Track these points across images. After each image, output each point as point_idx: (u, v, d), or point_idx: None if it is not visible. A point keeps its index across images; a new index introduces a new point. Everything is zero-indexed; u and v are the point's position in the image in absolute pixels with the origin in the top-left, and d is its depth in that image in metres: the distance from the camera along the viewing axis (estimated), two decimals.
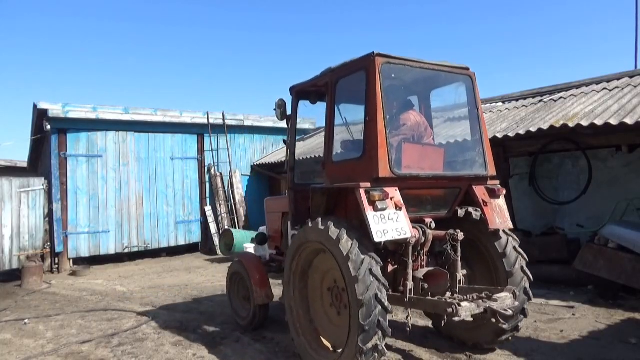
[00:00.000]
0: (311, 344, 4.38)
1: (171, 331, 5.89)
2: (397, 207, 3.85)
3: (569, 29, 59.68)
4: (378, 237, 3.67)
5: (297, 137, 18.84)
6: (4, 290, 9.39)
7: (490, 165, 4.54)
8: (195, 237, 13.64)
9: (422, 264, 4.32)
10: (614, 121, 6.46)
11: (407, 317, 4.00)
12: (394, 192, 3.91)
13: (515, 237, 4.60)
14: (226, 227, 13.04)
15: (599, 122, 6.61)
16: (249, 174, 14.89)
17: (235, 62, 72.31)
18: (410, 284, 4.01)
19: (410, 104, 4.89)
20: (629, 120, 6.34)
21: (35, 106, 11.48)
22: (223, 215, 13.49)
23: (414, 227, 4.01)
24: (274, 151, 15.48)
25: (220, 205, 13.54)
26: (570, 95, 8.94)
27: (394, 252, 4.24)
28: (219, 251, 12.55)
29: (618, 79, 8.65)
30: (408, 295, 4.00)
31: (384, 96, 3.96)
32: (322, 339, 4.38)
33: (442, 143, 5.56)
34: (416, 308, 4.24)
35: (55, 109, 11.27)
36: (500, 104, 10.54)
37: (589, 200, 7.79)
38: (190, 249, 13.54)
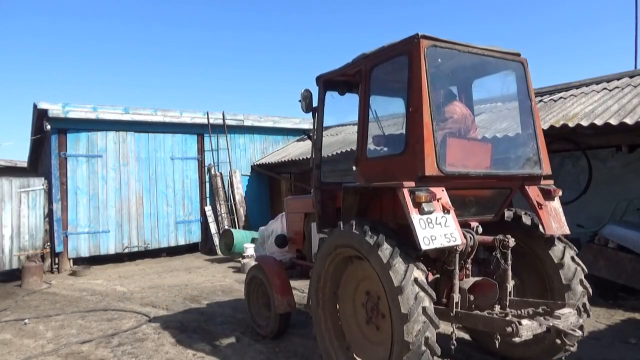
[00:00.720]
0: None
1: (171, 331, 5.89)
2: (445, 210, 3.43)
3: (569, 29, 59.68)
4: (425, 244, 3.23)
5: (297, 137, 18.88)
6: (4, 290, 9.39)
7: (545, 162, 4.05)
8: (195, 237, 13.64)
9: (467, 273, 3.85)
10: (614, 121, 6.46)
11: (451, 334, 3.52)
12: (441, 193, 3.49)
13: (571, 244, 4.10)
14: (226, 227, 13.04)
15: (599, 122, 6.61)
16: (249, 174, 14.89)
17: (235, 62, 72.36)
18: (457, 296, 3.57)
19: (453, 94, 4.40)
20: (629, 120, 6.34)
21: (35, 106, 11.48)
22: (223, 215, 13.49)
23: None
24: (274, 151, 15.49)
25: (220, 205, 13.55)
26: (570, 95, 8.94)
27: (434, 259, 3.78)
28: (219, 251, 12.56)
29: (618, 79, 8.65)
30: (454, 309, 3.57)
31: (430, 84, 3.51)
32: (357, 358, 3.95)
33: (486, 137, 5.10)
34: (464, 324, 3.74)
35: (55, 109, 11.27)
36: (500, 103, 10.52)
37: (589, 200, 7.79)
38: (190, 249, 13.54)
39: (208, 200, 13.82)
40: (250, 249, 10.41)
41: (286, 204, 6.09)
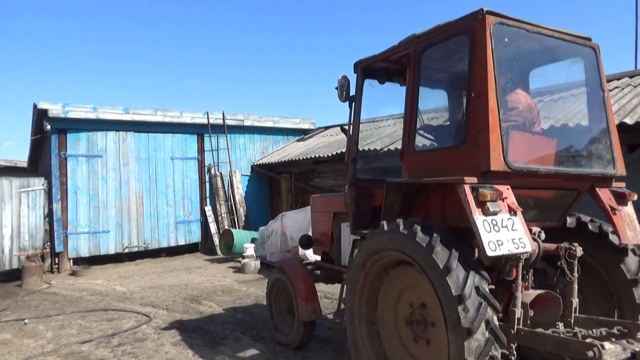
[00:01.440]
0: None
1: (171, 331, 5.89)
2: (512, 212, 2.98)
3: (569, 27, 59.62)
4: (491, 250, 2.80)
5: (297, 138, 18.86)
6: (4, 290, 9.39)
7: (619, 161, 3.63)
8: (195, 237, 13.64)
9: (528, 285, 3.37)
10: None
11: (510, 353, 3.04)
12: (507, 192, 3.05)
13: None
14: (226, 227, 13.04)
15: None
16: (249, 174, 14.89)
17: (235, 62, 72.37)
18: (518, 311, 3.09)
19: (518, 81, 3.85)
20: (629, 120, 6.34)
21: (35, 106, 11.48)
22: (223, 215, 13.49)
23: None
24: (274, 151, 15.48)
25: (220, 205, 13.54)
26: (571, 95, 8.93)
27: (488, 267, 3.24)
28: (219, 251, 12.55)
29: (618, 79, 8.64)
30: (516, 326, 3.08)
31: (496, 66, 3.09)
32: None
33: (549, 130, 4.70)
34: (526, 344, 3.16)
35: (55, 109, 11.27)
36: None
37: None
38: (190, 249, 13.54)
39: (208, 200, 13.82)
40: (250, 249, 10.41)
41: (312, 202, 5.64)
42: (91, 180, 11.93)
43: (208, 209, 13.64)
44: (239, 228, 13.22)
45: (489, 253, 2.81)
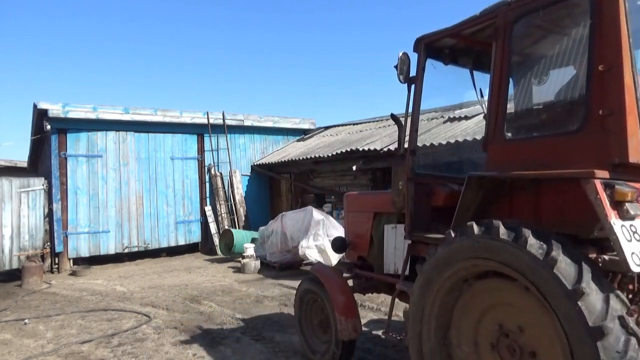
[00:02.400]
0: None
1: (171, 331, 5.89)
2: None
3: None
4: (636, 265, 2.21)
5: (297, 138, 18.84)
6: (4, 290, 9.39)
7: None
8: (195, 237, 13.64)
9: None
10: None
11: None
12: None
13: None
14: (226, 227, 13.04)
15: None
16: (249, 174, 14.90)
17: (235, 61, 72.36)
18: None
19: None
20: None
21: (35, 106, 11.48)
22: (223, 215, 13.50)
23: None
24: (274, 151, 15.49)
25: (220, 205, 13.55)
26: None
27: None
28: (219, 251, 12.56)
29: None
30: None
31: (630, 33, 2.50)
32: None
33: None
34: None
35: (55, 109, 11.27)
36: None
37: None
38: (190, 249, 13.54)
39: (208, 200, 13.82)
40: (250, 249, 10.42)
41: (346, 200, 5.10)
42: (91, 180, 11.93)
43: (208, 209, 13.65)
44: (239, 228, 13.22)
45: (634, 268, 2.20)
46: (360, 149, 10.37)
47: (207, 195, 13.84)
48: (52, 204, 11.34)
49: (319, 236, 9.09)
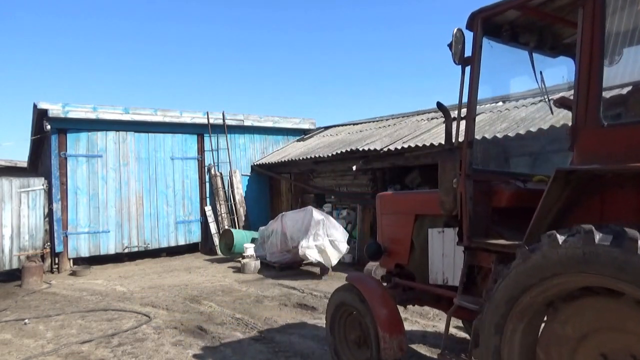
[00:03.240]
0: None
1: (171, 331, 5.89)
2: None
3: None
4: None
5: (297, 138, 18.87)
6: (4, 290, 9.40)
7: None
8: (195, 237, 13.64)
9: None
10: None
11: None
12: None
13: None
14: (226, 227, 13.04)
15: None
16: (249, 174, 14.90)
17: (235, 61, 72.35)
18: None
19: None
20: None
21: (35, 106, 11.48)
22: (223, 215, 13.50)
23: None
24: (274, 151, 15.49)
25: (220, 205, 13.55)
26: (571, 95, 8.94)
27: None
28: (219, 251, 12.56)
29: None
30: None
31: None
32: None
33: None
34: None
35: (55, 109, 11.27)
36: (500, 103, 10.54)
37: None
38: (190, 249, 13.54)
39: (208, 200, 13.82)
40: (250, 249, 10.42)
41: (380, 201, 4.57)
42: (91, 180, 11.93)
43: (208, 209, 13.65)
44: (239, 228, 13.23)
45: None
46: (360, 149, 10.37)
47: (207, 195, 13.84)
48: (52, 204, 11.34)
49: (319, 236, 9.09)
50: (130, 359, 5.00)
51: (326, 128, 16.49)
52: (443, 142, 9.54)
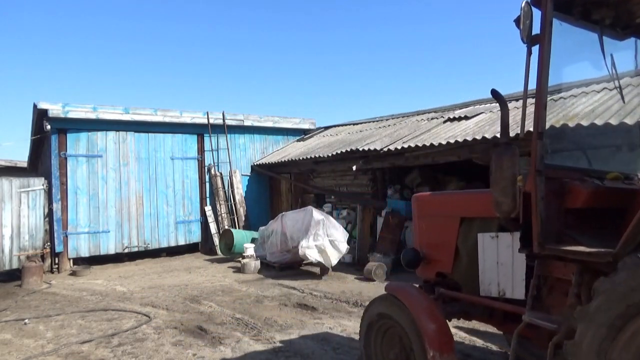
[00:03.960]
0: None
1: (171, 331, 5.90)
2: None
3: None
4: None
5: (297, 138, 18.93)
6: (4, 290, 9.40)
7: None
8: (195, 237, 13.64)
9: None
10: (614, 121, 6.46)
11: None
12: None
13: None
14: (226, 227, 13.05)
15: (599, 122, 6.61)
16: (249, 174, 14.90)
17: (235, 61, 72.33)
18: None
19: None
20: (629, 120, 6.34)
21: (35, 106, 11.48)
22: (223, 215, 13.50)
23: None
24: (274, 151, 15.50)
25: (220, 205, 13.55)
26: (571, 95, 8.94)
27: None
28: (219, 251, 12.56)
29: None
30: None
31: None
32: None
33: None
34: None
35: (55, 109, 11.27)
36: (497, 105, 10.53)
37: None
38: (190, 249, 13.55)
39: (208, 200, 13.82)
40: (250, 249, 10.42)
41: (416, 203, 4.13)
42: (91, 180, 11.94)
43: (208, 209, 13.65)
44: (239, 228, 13.23)
45: None
46: (360, 149, 10.37)
47: (207, 195, 13.85)
48: (52, 204, 11.34)
49: (319, 236, 9.09)
50: (130, 359, 5.00)
51: (326, 128, 16.50)
52: (443, 142, 9.55)
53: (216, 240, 13.07)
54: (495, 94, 3.08)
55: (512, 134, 7.86)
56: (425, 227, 3.98)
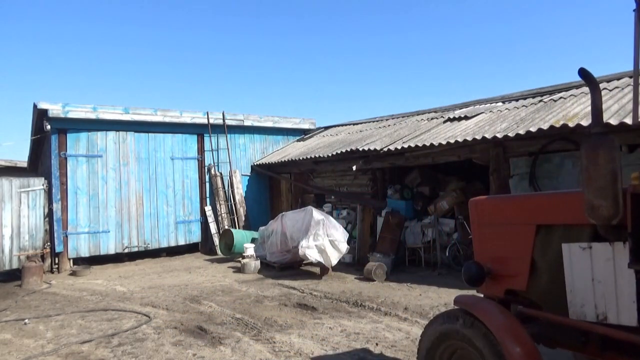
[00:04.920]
0: None
1: (171, 331, 5.90)
2: None
3: (569, 29, 59.71)
4: None
5: (297, 138, 18.98)
6: (4, 290, 9.40)
7: None
8: (195, 237, 13.64)
9: None
10: (614, 121, 6.46)
11: None
12: None
13: None
14: (226, 227, 13.05)
15: None
16: (249, 174, 14.91)
17: (235, 61, 72.33)
18: None
19: None
20: (629, 120, 6.34)
21: (35, 106, 11.49)
22: (223, 215, 13.50)
23: None
24: (274, 151, 15.50)
25: (220, 205, 13.55)
26: (570, 95, 8.95)
27: None
28: (219, 251, 12.57)
29: (618, 79, 8.64)
30: None
31: None
32: None
33: None
34: None
35: (55, 109, 11.28)
36: (500, 104, 10.55)
37: None
38: (190, 249, 13.55)
39: (208, 200, 13.83)
40: (250, 249, 10.42)
41: (476, 209, 3.50)
42: (91, 180, 11.94)
43: (208, 209, 13.65)
44: (239, 228, 13.23)
45: None
46: (360, 149, 10.37)
47: (207, 195, 13.85)
48: (52, 204, 11.34)
49: (319, 236, 9.09)
50: (130, 359, 5.00)
51: (326, 128, 16.50)
52: (443, 142, 9.54)
53: (216, 240, 13.07)
54: (585, 74, 2.59)
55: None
56: (489, 237, 3.39)
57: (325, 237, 9.10)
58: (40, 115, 11.49)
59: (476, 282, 3.30)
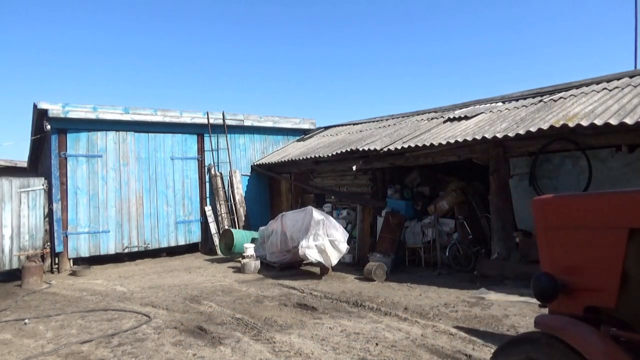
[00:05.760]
0: None
1: (171, 331, 5.89)
2: None
3: (569, 28, 59.70)
4: None
5: (297, 138, 19.05)
6: (4, 290, 9.40)
7: None
8: (195, 237, 13.64)
9: None
10: (614, 121, 6.47)
11: None
12: None
13: None
14: (226, 227, 13.05)
15: (599, 122, 6.61)
16: (249, 174, 14.91)
17: (235, 61, 72.32)
18: None
19: None
20: (629, 120, 6.35)
21: (35, 106, 11.49)
22: (223, 215, 13.50)
23: None
24: (274, 151, 15.50)
25: (220, 205, 13.55)
26: (570, 95, 8.95)
27: None
28: (219, 251, 12.57)
29: (618, 79, 8.65)
30: None
31: None
32: None
33: None
34: None
35: (55, 109, 11.28)
36: (500, 103, 10.55)
37: None
38: (190, 249, 13.55)
39: (208, 200, 13.83)
40: (250, 249, 10.42)
41: (543, 210, 2.91)
42: (91, 180, 11.94)
43: (208, 209, 13.65)
44: (239, 228, 13.23)
45: None
46: (360, 149, 10.37)
47: (207, 195, 13.85)
48: (52, 204, 11.34)
49: (319, 236, 9.09)
50: (130, 359, 5.00)
51: (326, 128, 16.50)
52: (443, 142, 9.58)
53: (216, 240, 13.07)
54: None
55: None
56: (561, 243, 2.82)
57: (325, 237, 9.10)
58: (40, 115, 11.49)
59: (548, 298, 2.73)
